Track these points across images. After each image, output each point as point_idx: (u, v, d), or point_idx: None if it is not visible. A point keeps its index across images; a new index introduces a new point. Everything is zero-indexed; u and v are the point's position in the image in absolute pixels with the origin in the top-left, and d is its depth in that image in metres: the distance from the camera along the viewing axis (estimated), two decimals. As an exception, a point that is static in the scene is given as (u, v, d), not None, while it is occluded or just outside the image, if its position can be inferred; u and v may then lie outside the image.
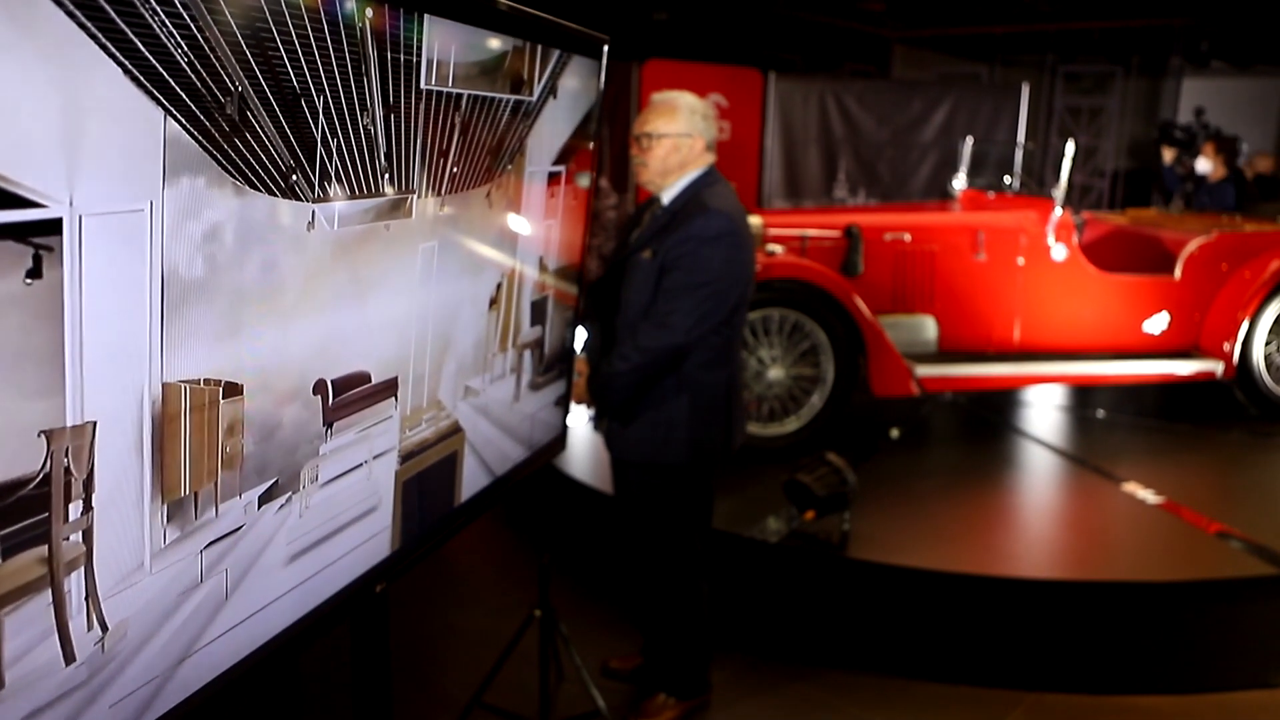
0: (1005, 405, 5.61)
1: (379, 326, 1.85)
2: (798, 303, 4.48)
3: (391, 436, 1.98)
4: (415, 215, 1.89)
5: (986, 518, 4.13)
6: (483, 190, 2.17)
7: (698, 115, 2.92)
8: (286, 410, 1.61)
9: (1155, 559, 3.75)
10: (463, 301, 2.19)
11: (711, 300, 2.77)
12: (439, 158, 1.93)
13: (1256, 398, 5.33)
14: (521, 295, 2.51)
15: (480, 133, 2.07)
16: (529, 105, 2.30)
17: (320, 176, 1.58)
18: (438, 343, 2.10)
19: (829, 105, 9.17)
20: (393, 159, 1.76)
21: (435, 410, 2.15)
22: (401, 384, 1.98)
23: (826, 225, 4.85)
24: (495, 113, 2.12)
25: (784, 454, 4.52)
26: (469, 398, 2.32)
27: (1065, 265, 5.02)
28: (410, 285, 1.94)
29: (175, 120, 1.26)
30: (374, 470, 1.94)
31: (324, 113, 1.56)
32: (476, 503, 2.44)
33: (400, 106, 1.75)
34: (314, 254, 1.61)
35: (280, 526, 1.66)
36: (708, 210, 2.79)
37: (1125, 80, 10.75)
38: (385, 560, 2.05)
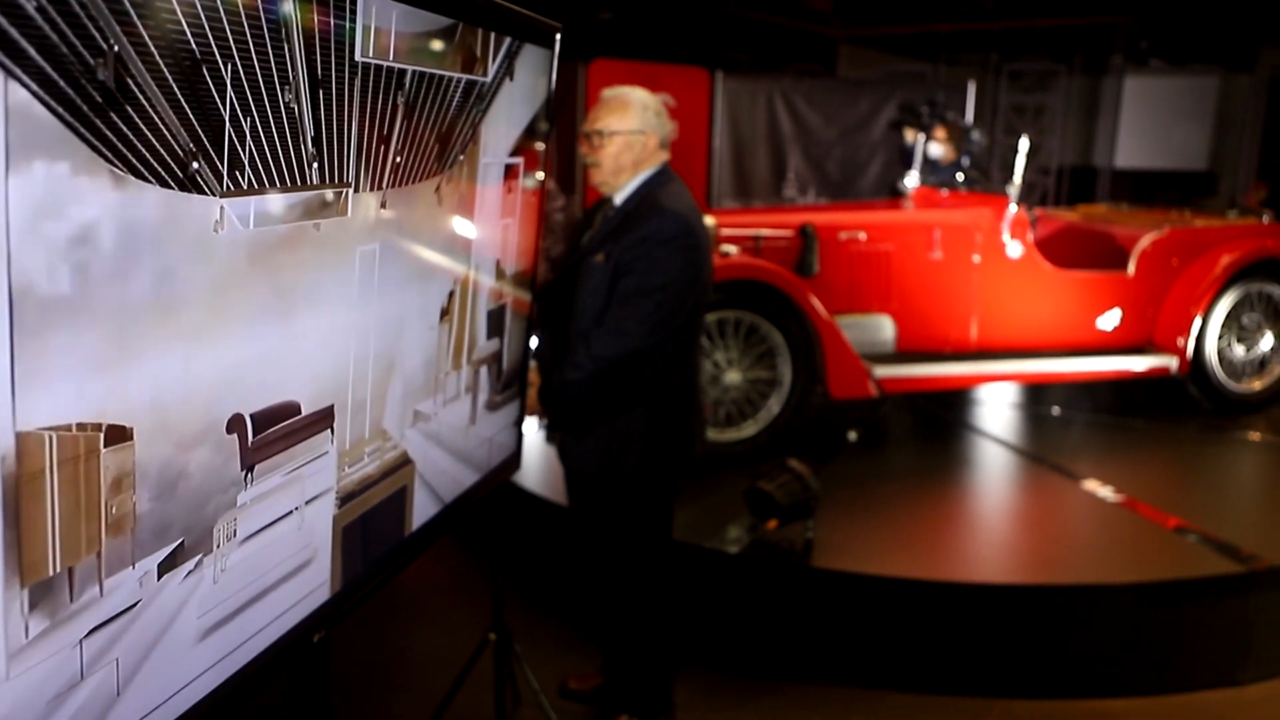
0: (961, 404, 5.56)
1: (309, 347, 1.60)
2: (753, 304, 4.38)
3: (328, 476, 1.72)
4: (352, 213, 1.63)
5: (950, 521, 4.06)
6: (431, 184, 1.92)
7: (650, 111, 2.80)
8: (193, 455, 1.35)
9: (1117, 558, 3.70)
10: (410, 314, 1.93)
11: (668, 305, 2.64)
12: (379, 145, 1.67)
13: (1210, 393, 5.34)
14: (477, 304, 2.28)
15: (428, 117, 1.82)
16: (483, 87, 2.04)
17: (230, 165, 1.30)
18: (381, 363, 1.84)
19: (777, 104, 9.12)
20: (322, 145, 1.50)
21: (380, 441, 1.90)
22: (338, 413, 1.72)
23: (781, 225, 4.75)
24: (445, 93, 1.86)
25: (742, 459, 4.42)
26: (419, 424, 2.07)
27: (1021, 262, 4.98)
28: (346, 296, 1.69)
29: (21, 84, 0.98)
30: (307, 517, 1.68)
31: (234, 84, 1.28)
32: (426, 534, 2.24)
33: (331, 81, 1.49)
34: (224, 261, 1.34)
35: (189, 597, 1.40)
36: (662, 211, 2.67)
37: (1068, 78, 10.84)
38: (324, 606, 1.81)
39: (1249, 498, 4.49)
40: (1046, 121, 11.02)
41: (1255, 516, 4.17)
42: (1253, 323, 5.38)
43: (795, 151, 9.21)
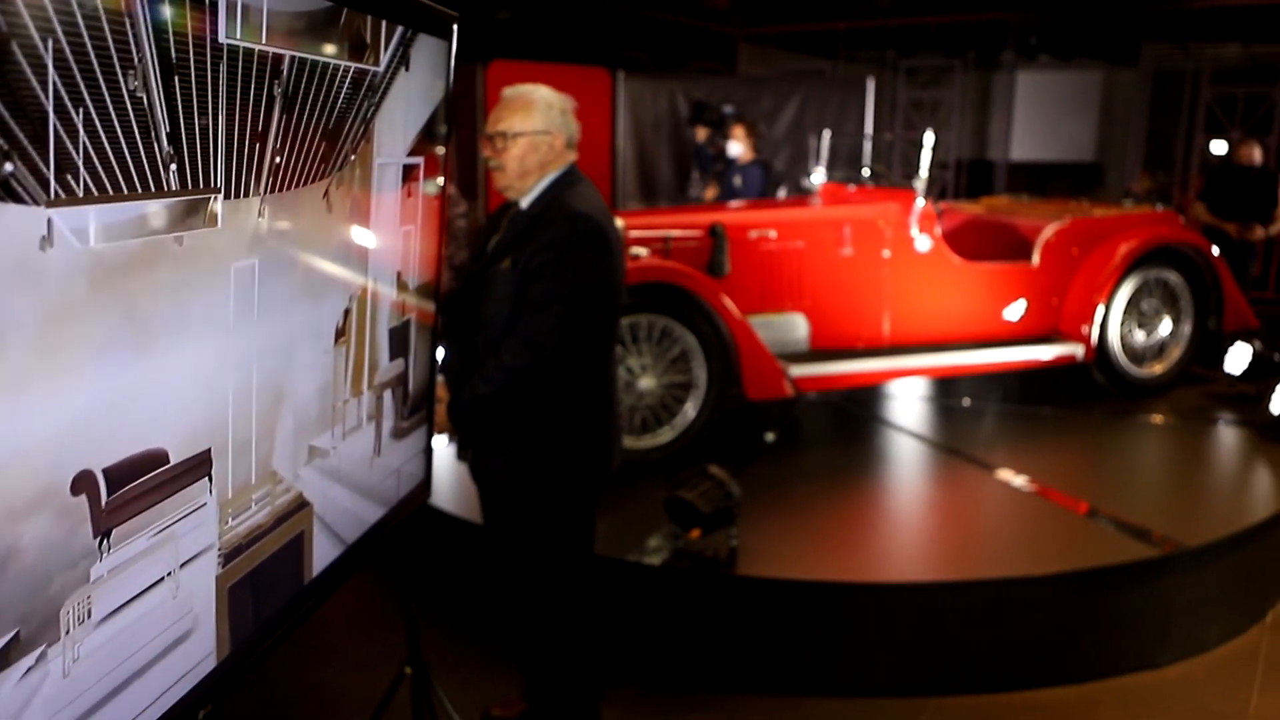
0: (873, 399, 5.56)
1: (176, 384, 1.36)
2: (665, 307, 4.28)
3: (207, 532, 1.50)
4: (223, 223, 1.39)
5: (871, 519, 4.02)
6: (319, 188, 1.70)
7: (555, 110, 2.67)
8: (26, 527, 1.12)
9: (1036, 548, 3.70)
10: (299, 337, 1.71)
11: (581, 311, 2.52)
12: (254, 143, 1.44)
13: (1115, 378, 5.44)
14: (377, 322, 2.07)
15: (312, 110, 1.60)
16: (375, 78, 1.82)
17: (58, 166, 1.07)
18: (267, 396, 1.62)
19: (679, 103, 9.06)
20: (181, 142, 1.26)
21: (270, 485, 1.68)
22: (218, 458, 1.49)
23: (690, 225, 4.66)
24: (331, 84, 1.65)
25: (660, 466, 4.32)
26: (316, 461, 1.85)
27: (930, 256, 4.99)
28: (220, 321, 1.45)
29: None
30: (184, 582, 1.45)
31: (58, 66, 1.04)
32: (328, 579, 2.02)
33: (190, 67, 1.24)
34: (56, 286, 1.11)
35: (30, 698, 1.16)
36: (572, 213, 2.54)
37: (963, 74, 11.05)
38: (210, 677, 1.58)
39: (1156, 480, 4.57)
40: (943, 116, 11.21)
41: (1162, 498, 4.24)
42: (1151, 309, 5.50)
43: (699, 150, 9.15)
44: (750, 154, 6.87)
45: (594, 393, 2.68)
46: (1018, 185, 11.01)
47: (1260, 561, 4.02)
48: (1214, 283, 5.56)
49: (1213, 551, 3.70)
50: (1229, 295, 5.59)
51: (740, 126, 6.93)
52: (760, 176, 6.91)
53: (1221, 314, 5.60)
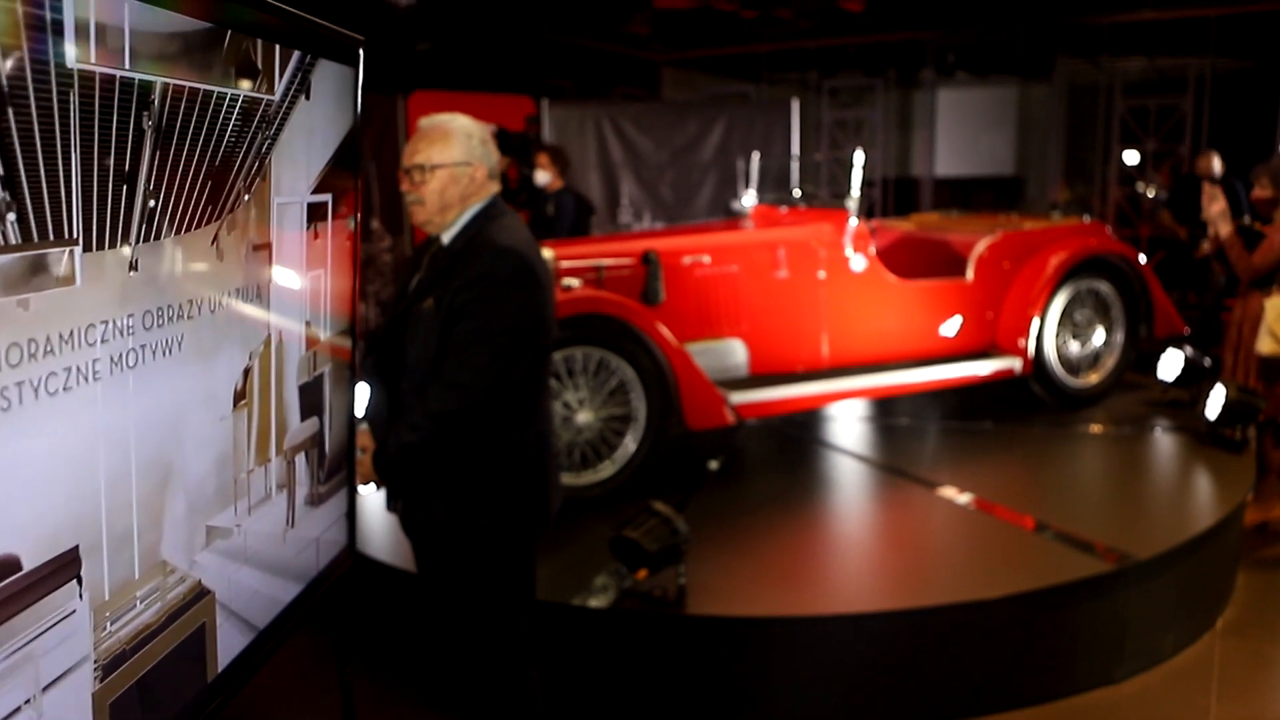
0: (814, 421, 5.48)
1: (28, 475, 1.16)
2: (599, 338, 4.15)
3: (78, 643, 1.28)
4: (83, 280, 1.19)
5: (820, 547, 3.92)
6: (206, 233, 1.52)
7: (475, 140, 2.54)
8: None
9: (986, 568, 3.63)
10: (189, 405, 1.50)
11: (509, 350, 2.38)
12: (120, 184, 1.24)
13: (1052, 390, 5.44)
14: (284, 379, 1.88)
15: (194, 145, 1.41)
16: (270, 108, 1.64)
17: None
18: (151, 476, 1.41)
19: (605, 130, 8.99)
20: (21, 187, 1.06)
21: (160, 577, 1.46)
22: (88, 556, 1.28)
23: (622, 253, 4.55)
24: (216, 114, 1.46)
25: (602, 503, 4.18)
26: (216, 543, 1.64)
27: (865, 275, 4.94)
28: (86, 396, 1.23)
29: None
30: (48, 708, 1.23)
31: None
32: (237, 670, 1.79)
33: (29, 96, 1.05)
34: None
35: None
36: (496, 247, 2.41)
37: (884, 93, 11.16)
38: None
39: (1100, 492, 4.54)
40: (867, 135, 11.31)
41: (1108, 510, 4.20)
42: (1084, 319, 5.52)
43: (627, 176, 9.10)
44: (558, 181, 6.76)
45: (528, 435, 2.54)
46: (943, 200, 11.14)
47: (1208, 569, 4.01)
48: (1143, 291, 5.61)
49: (1163, 562, 3.66)
50: (1158, 303, 5.64)
51: (544, 154, 6.86)
52: (573, 204, 6.80)
53: (1152, 322, 5.64)
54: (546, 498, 2.62)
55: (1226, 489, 4.33)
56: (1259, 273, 4.95)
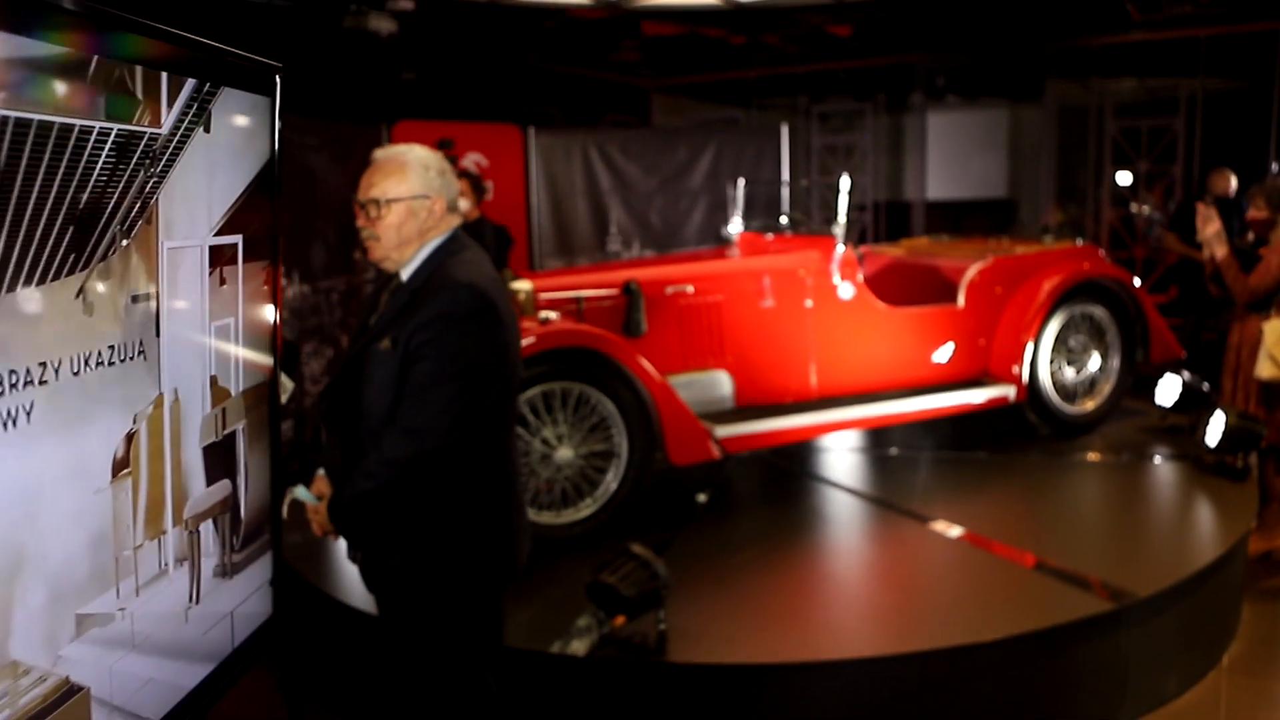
0: (803, 453, 5.34)
1: None
2: (579, 373, 4.03)
3: None
4: None
5: (809, 588, 3.77)
6: (69, 285, 1.33)
7: (432, 171, 2.42)
8: None
9: (984, 609, 3.49)
10: (50, 480, 1.33)
11: (470, 392, 2.25)
12: None
13: (1047, 417, 5.31)
14: (182, 442, 1.71)
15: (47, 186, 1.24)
16: (154, 143, 1.48)
17: None
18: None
19: (593, 157, 8.89)
20: None
21: (9, 680, 1.28)
22: None
23: (603, 284, 4.43)
24: (80, 151, 1.28)
25: (582, 542, 4.04)
26: (91, 632, 1.46)
27: (853, 303, 4.82)
28: None
29: None
30: None
31: None
32: None
33: None
34: None
35: None
36: (455, 284, 2.29)
37: (874, 117, 11.10)
38: None
39: (1098, 525, 4.39)
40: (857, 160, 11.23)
41: (1108, 545, 4.06)
42: (1079, 345, 5.40)
43: (616, 204, 8.99)
44: (475, 211, 6.48)
45: (492, 481, 2.41)
46: (934, 224, 11.04)
47: (1212, 604, 3.87)
48: (1139, 315, 5.49)
49: (1165, 599, 3.53)
50: (1154, 327, 5.52)
51: (462, 182, 6.64)
52: (492, 235, 6.59)
53: (1148, 346, 5.52)
54: (513, 546, 2.48)
55: (1229, 519, 4.20)
56: (1256, 295, 4.84)
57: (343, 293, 6.66)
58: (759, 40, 10.51)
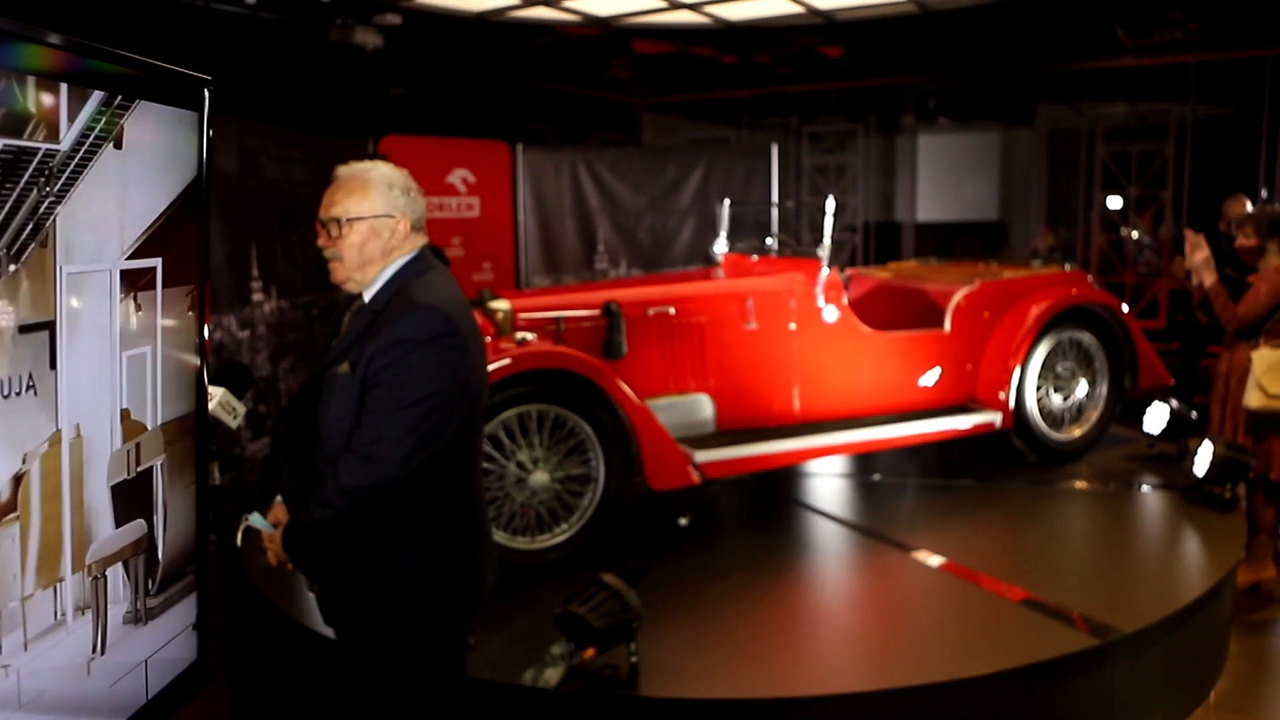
0: (786, 478, 5.25)
1: None
2: (555, 395, 3.94)
3: None
4: None
5: (789, 620, 3.68)
6: None
7: (397, 190, 2.34)
8: None
9: (967, 643, 3.40)
10: None
11: (430, 419, 2.16)
12: None
13: (1034, 444, 5.24)
14: (84, 481, 1.57)
15: None
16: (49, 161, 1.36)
17: None
18: None
19: (581, 175, 8.83)
20: None
21: None
22: None
23: (583, 305, 4.35)
24: None
25: (558, 568, 3.95)
26: None
27: (838, 326, 4.75)
28: None
29: None
30: None
31: None
32: None
33: None
34: None
35: None
36: (415, 306, 2.20)
37: (865, 138, 11.08)
38: None
39: (1084, 557, 4.30)
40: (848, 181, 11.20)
41: (1094, 578, 3.97)
42: (1067, 371, 5.33)
43: (604, 222, 8.93)
44: None
45: (455, 510, 2.32)
46: (925, 246, 11.01)
47: (1200, 639, 3.79)
48: (1127, 341, 5.43)
49: (1151, 635, 3.44)
50: (1142, 353, 5.46)
51: None
52: None
53: (1136, 373, 5.46)
54: (476, 578, 2.39)
55: (1217, 552, 4.12)
56: (1245, 323, 4.78)
57: (323, 308, 6.57)
58: (751, 60, 10.50)
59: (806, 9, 7.35)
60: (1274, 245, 4.83)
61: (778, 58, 10.49)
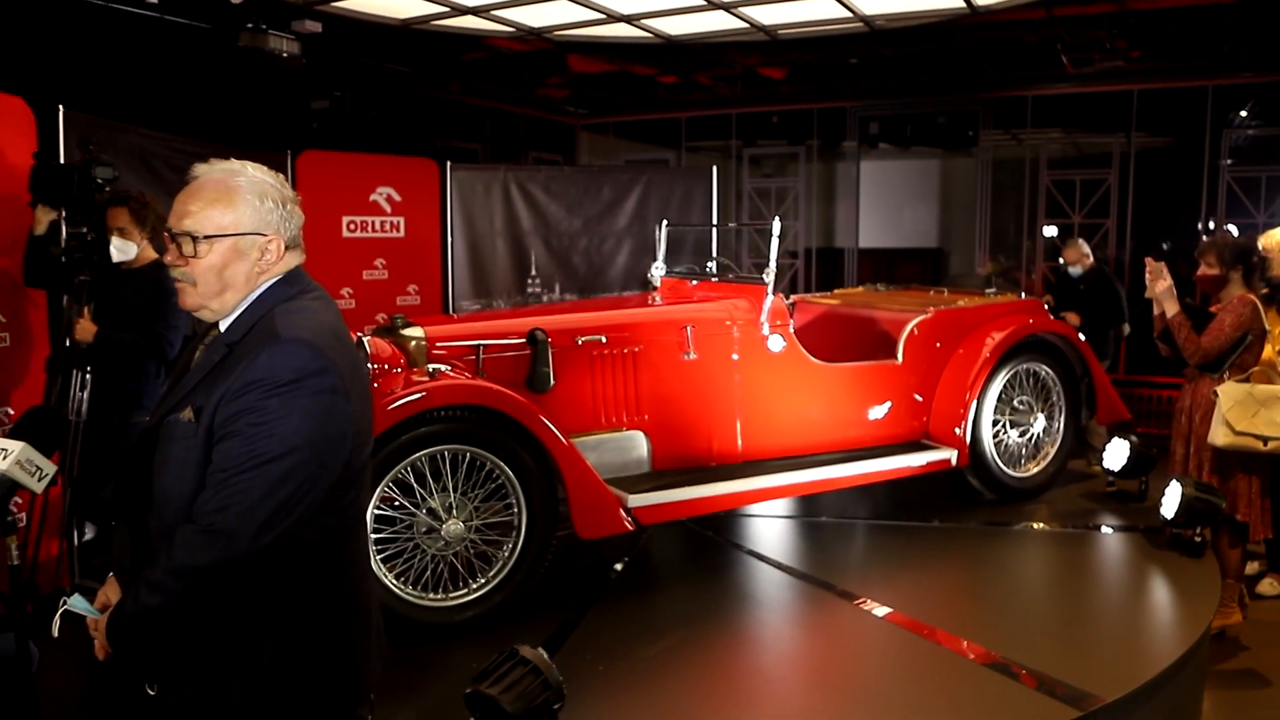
0: (728, 519, 4.87)
1: None
2: (471, 434, 3.52)
3: None
4: None
5: (728, 687, 3.27)
6: None
7: (270, 200, 1.90)
8: None
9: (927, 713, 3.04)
10: None
11: (292, 482, 1.73)
12: None
13: (990, 483, 4.93)
14: None
15: None
16: None
17: None
18: None
19: (514, 194, 8.44)
20: None
21: None
22: None
23: (505, 333, 3.94)
24: None
25: (473, 628, 3.52)
26: None
27: (784, 357, 4.39)
28: None
29: None
30: None
31: None
32: None
33: None
34: None
35: None
36: (277, 340, 1.78)
37: (807, 162, 10.85)
38: None
39: (1052, 609, 3.95)
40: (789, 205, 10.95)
41: (1064, 633, 3.62)
42: (1024, 405, 5.04)
43: (537, 245, 8.54)
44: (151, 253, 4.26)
45: (328, 590, 1.88)
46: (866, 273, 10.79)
47: (1178, 701, 3.47)
48: (1085, 373, 5.17)
49: (1133, 701, 3.11)
50: (1100, 385, 5.20)
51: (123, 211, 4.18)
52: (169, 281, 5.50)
53: (1094, 406, 5.20)
54: (355, 671, 1.95)
55: (1192, 603, 3.82)
56: (1209, 356, 4.54)
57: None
58: (691, 80, 10.22)
59: (749, 25, 7.05)
60: (1237, 275, 4.61)
61: (718, 78, 10.22)
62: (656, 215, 8.20)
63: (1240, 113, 9.13)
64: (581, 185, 8.65)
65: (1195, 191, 9.20)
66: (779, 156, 11.24)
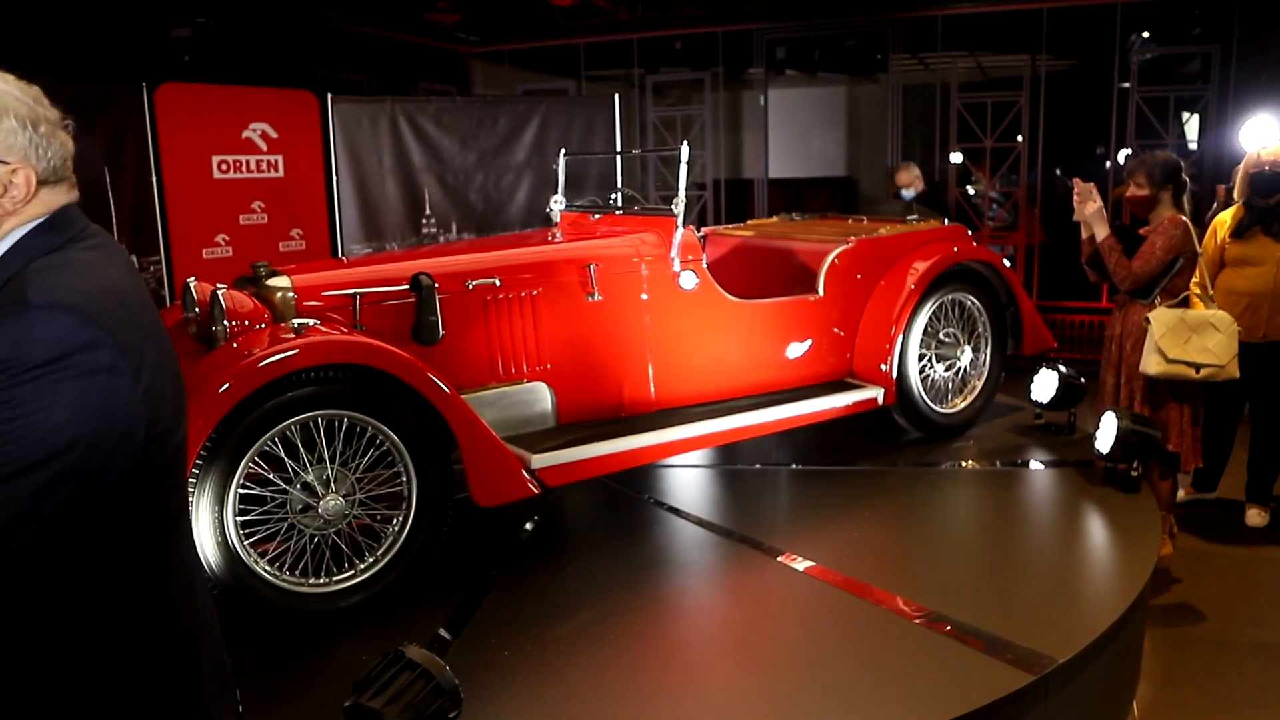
0: (643, 471, 4.52)
1: None
2: (347, 396, 3.08)
3: None
4: None
5: (650, 666, 2.94)
6: None
7: (11, 119, 1.43)
8: None
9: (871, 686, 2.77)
10: None
11: (59, 491, 1.29)
12: None
13: (917, 420, 4.67)
14: None
15: None
16: None
17: None
18: None
19: (403, 129, 7.86)
20: None
21: None
22: None
23: (385, 279, 3.49)
24: None
25: (361, 614, 3.12)
26: None
27: (697, 295, 4.03)
28: None
29: None
30: None
31: None
32: None
33: None
34: None
35: None
36: (28, 308, 1.32)
37: (712, 91, 10.41)
38: None
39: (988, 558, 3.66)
40: (695, 134, 10.52)
41: (1004, 585, 3.37)
42: (950, 337, 4.78)
43: (430, 182, 8.00)
44: None
45: (136, 620, 1.46)
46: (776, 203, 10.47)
47: (1127, 650, 3.27)
48: (1010, 301, 4.93)
49: (1086, 658, 2.88)
50: (1026, 315, 4.96)
51: None
52: None
53: (1021, 336, 4.97)
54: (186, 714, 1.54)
55: (1133, 545, 3.62)
56: (1140, 281, 4.32)
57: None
58: (589, 3, 9.65)
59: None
60: (1168, 195, 4.39)
61: (617, 1, 9.68)
62: (556, 148, 7.69)
63: (1143, 34, 9.00)
64: (475, 117, 8.11)
65: (1105, 113, 9.07)
66: (684, 85, 10.78)
